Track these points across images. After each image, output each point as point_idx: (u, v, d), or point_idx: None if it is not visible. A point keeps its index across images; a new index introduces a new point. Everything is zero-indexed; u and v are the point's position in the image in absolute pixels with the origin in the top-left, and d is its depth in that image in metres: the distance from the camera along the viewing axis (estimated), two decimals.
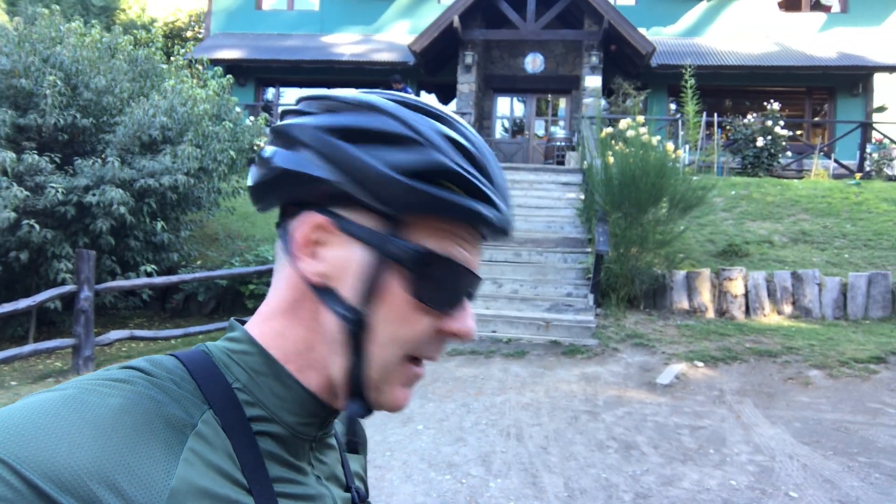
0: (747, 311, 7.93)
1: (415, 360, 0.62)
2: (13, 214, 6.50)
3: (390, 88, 10.03)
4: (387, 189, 0.57)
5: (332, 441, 0.71)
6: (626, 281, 7.97)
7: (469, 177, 0.59)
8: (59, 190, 6.86)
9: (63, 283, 6.77)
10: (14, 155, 6.91)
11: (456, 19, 14.54)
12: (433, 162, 0.58)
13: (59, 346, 6.12)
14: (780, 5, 16.91)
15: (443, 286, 0.60)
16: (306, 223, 0.60)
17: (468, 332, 0.62)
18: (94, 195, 7.00)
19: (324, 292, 0.60)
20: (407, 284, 0.59)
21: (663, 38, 16.55)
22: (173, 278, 7.56)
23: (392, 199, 0.57)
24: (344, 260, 0.59)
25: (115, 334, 6.56)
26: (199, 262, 9.08)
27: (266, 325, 0.63)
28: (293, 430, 0.62)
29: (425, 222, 0.59)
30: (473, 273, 0.62)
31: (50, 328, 7.79)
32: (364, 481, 0.78)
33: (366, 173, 0.57)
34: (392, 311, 0.59)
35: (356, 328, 0.59)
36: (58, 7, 8.81)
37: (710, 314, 7.91)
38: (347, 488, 0.71)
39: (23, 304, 5.78)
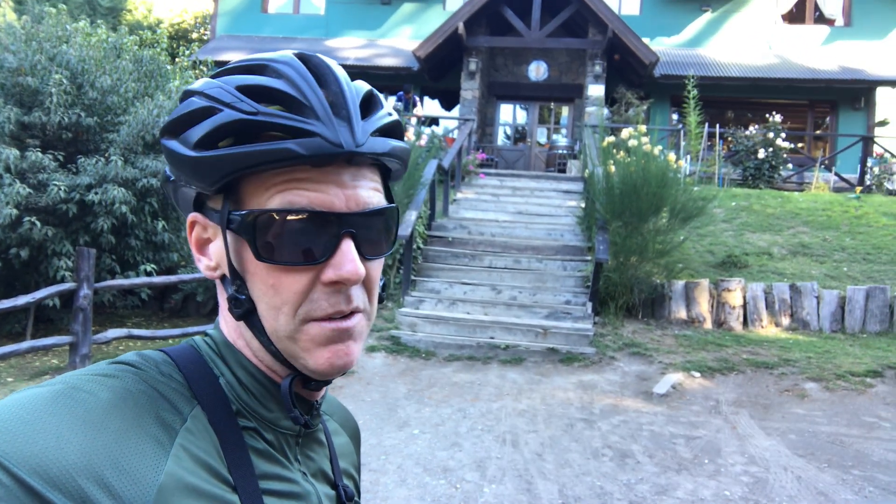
0: (745, 323, 7.93)
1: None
2: (15, 211, 6.52)
3: (397, 93, 9.96)
4: (189, 168, 0.57)
5: (321, 437, 0.71)
6: (624, 290, 7.98)
7: (263, 118, 0.56)
8: (62, 188, 6.88)
9: (63, 280, 6.78)
10: (18, 152, 6.93)
11: (461, 26, 14.59)
12: (218, 122, 0.56)
13: (57, 343, 6.12)
14: (784, 18, 16.96)
15: (286, 240, 0.56)
16: (189, 224, 0.63)
17: (342, 278, 0.57)
18: (96, 194, 7.03)
19: (224, 281, 0.61)
20: (251, 250, 0.57)
21: (666, 48, 16.60)
22: (172, 278, 7.57)
23: (197, 175, 0.57)
24: (220, 247, 0.61)
25: (112, 333, 6.56)
26: None
27: (221, 319, 0.66)
28: (274, 425, 0.62)
29: (255, 182, 0.58)
30: (322, 212, 0.57)
31: (48, 325, 7.79)
32: (354, 479, 0.77)
33: (177, 160, 0.58)
34: (260, 281, 0.58)
35: (241, 308, 0.59)
36: (65, 6, 8.85)
37: (708, 325, 7.92)
38: (335, 486, 0.70)
39: (22, 300, 5.78)
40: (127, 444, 0.50)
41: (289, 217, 0.56)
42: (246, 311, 0.59)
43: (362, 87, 0.63)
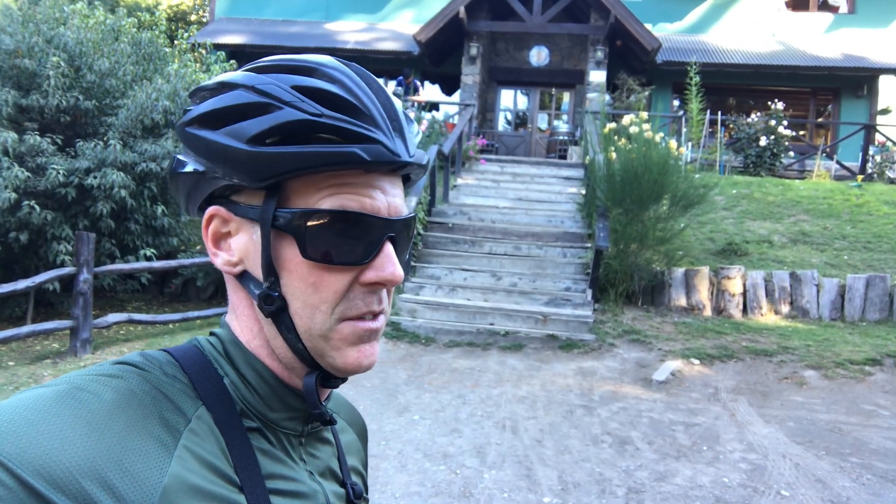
0: (745, 310, 7.94)
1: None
2: (14, 195, 6.50)
3: (398, 78, 9.84)
4: (241, 162, 0.57)
5: (328, 435, 0.71)
6: (624, 277, 7.98)
7: (327, 121, 0.56)
8: (61, 171, 6.85)
9: (62, 265, 6.76)
10: (16, 135, 6.89)
11: (462, 10, 14.48)
12: (280, 120, 0.56)
13: (57, 327, 6.13)
14: (788, 5, 16.84)
15: (335, 240, 0.57)
16: (207, 217, 0.62)
17: (384, 279, 0.59)
18: (95, 178, 7.00)
19: (243, 277, 0.61)
20: (299, 249, 0.57)
21: (669, 34, 16.49)
22: (172, 263, 7.57)
23: (250, 170, 0.57)
24: (246, 243, 0.60)
25: (113, 317, 6.57)
26: (198, 247, 9.08)
27: (232, 317, 0.65)
28: (279, 425, 0.62)
29: (305, 182, 0.58)
30: (372, 216, 0.59)
31: (48, 310, 7.79)
32: (362, 476, 0.78)
33: (222, 153, 0.57)
34: (298, 279, 0.58)
35: (273, 305, 0.58)
36: None
37: (708, 312, 7.93)
38: (343, 483, 0.70)
39: (21, 284, 5.78)
40: (131, 445, 0.50)
41: (342, 219, 0.57)
42: (277, 309, 0.59)
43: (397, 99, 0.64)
